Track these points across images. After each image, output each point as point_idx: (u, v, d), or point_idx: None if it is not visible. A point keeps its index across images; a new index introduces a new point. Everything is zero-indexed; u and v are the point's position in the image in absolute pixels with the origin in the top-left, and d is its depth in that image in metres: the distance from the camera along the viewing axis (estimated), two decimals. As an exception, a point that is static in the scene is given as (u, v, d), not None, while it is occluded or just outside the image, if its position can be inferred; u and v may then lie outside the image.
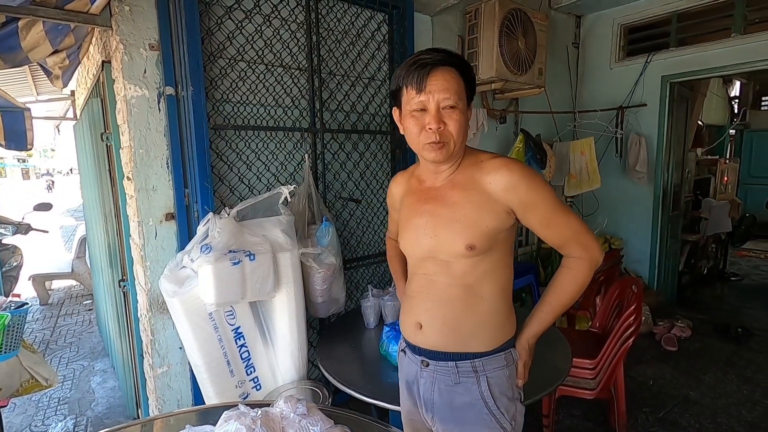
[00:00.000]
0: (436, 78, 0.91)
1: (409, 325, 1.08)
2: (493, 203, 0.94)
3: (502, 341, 1.01)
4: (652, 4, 3.29)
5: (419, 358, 1.05)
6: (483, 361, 0.99)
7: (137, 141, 1.66)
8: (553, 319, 1.03)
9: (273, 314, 1.69)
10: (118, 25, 1.59)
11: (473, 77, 0.98)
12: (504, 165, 0.95)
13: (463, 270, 0.97)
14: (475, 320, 0.99)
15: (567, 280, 0.99)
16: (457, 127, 0.93)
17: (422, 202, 1.04)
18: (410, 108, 0.95)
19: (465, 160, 1.01)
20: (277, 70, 1.96)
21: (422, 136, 0.94)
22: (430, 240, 1.00)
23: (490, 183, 0.94)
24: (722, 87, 6.59)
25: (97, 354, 3.26)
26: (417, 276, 1.06)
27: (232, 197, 1.89)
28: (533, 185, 0.93)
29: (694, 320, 3.27)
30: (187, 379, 1.84)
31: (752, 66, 2.96)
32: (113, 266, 2.15)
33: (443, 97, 0.91)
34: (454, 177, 1.01)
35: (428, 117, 0.92)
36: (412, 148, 1.00)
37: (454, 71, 0.93)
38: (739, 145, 7.01)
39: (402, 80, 0.95)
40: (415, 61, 0.93)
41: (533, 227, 0.98)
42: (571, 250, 0.98)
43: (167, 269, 1.60)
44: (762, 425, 2.12)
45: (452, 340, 1.00)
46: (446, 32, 2.65)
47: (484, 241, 0.95)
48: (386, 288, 1.97)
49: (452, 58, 0.93)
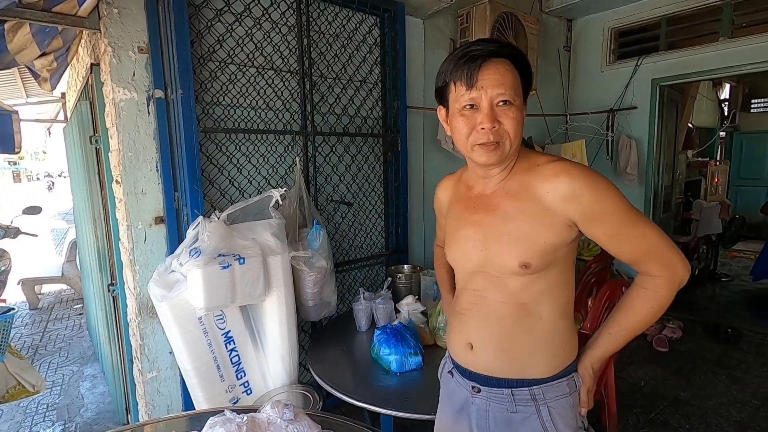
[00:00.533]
0: (488, 71, 0.80)
1: (458, 345, 0.98)
2: (550, 215, 0.83)
3: (564, 365, 0.90)
4: (641, 8, 3.33)
5: (470, 383, 0.95)
6: (543, 388, 0.88)
7: (126, 144, 1.65)
8: (622, 343, 0.90)
9: (263, 318, 1.68)
10: (107, 28, 1.58)
11: (530, 69, 0.87)
12: (564, 170, 0.82)
13: (516, 288, 0.88)
14: (532, 342, 0.88)
15: (641, 301, 0.85)
16: (514, 126, 0.82)
17: (471, 211, 0.94)
18: (459, 106, 0.84)
19: (518, 164, 0.90)
20: (268, 73, 1.96)
21: (473, 136, 0.84)
22: (480, 254, 0.90)
23: (548, 192, 0.83)
24: (712, 90, 6.67)
25: (87, 359, 3.22)
26: (466, 291, 0.97)
27: (223, 200, 1.88)
28: (600, 193, 0.80)
29: (684, 321, 3.29)
30: (177, 384, 1.82)
31: (740, 69, 3.00)
32: (102, 270, 2.14)
33: (497, 93, 0.81)
34: (505, 183, 0.90)
35: (480, 115, 0.82)
36: (459, 150, 0.90)
37: (509, 63, 0.82)
38: (729, 147, 7.10)
39: (449, 76, 0.85)
40: (463, 54, 0.82)
41: (600, 241, 0.85)
42: (648, 267, 0.84)
43: (156, 273, 1.59)
44: (751, 425, 2.14)
45: (507, 363, 0.90)
46: (438, 35, 2.66)
47: (541, 258, 0.84)
48: (378, 291, 1.97)
49: (506, 48, 0.83)
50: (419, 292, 2.12)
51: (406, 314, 1.79)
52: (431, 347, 1.67)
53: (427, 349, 1.64)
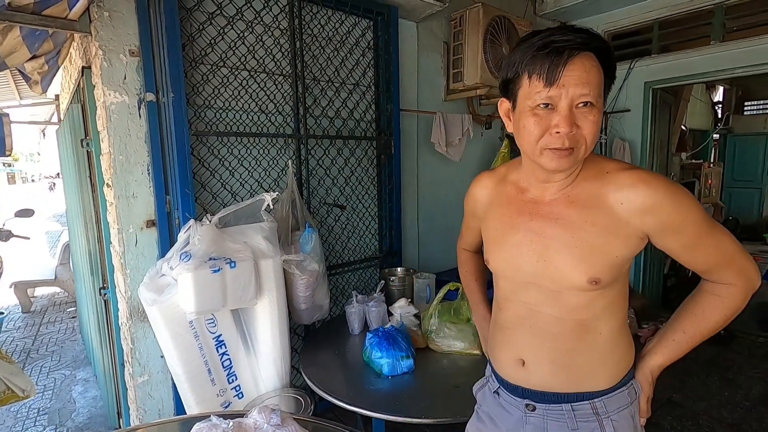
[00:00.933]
0: (574, 68, 0.70)
1: (506, 361, 0.91)
2: (624, 227, 0.76)
3: (623, 374, 0.85)
4: (634, 11, 3.35)
5: (523, 401, 0.88)
6: (605, 401, 0.83)
7: (117, 147, 1.64)
8: (686, 351, 0.86)
9: (255, 322, 1.67)
10: (98, 31, 1.58)
11: (615, 64, 0.76)
12: (642, 180, 0.75)
13: (576, 304, 0.81)
14: (592, 357, 0.83)
15: (713, 307, 0.82)
16: (593, 131, 0.74)
17: (524, 217, 0.85)
18: (532, 103, 0.74)
19: (585, 170, 0.82)
20: (260, 76, 1.96)
21: (545, 139, 0.75)
22: (536, 264, 0.83)
23: (622, 202, 0.76)
24: (706, 92, 6.73)
25: (79, 363, 3.20)
26: (513, 303, 0.89)
27: (215, 204, 1.87)
28: (680, 205, 0.74)
29: (678, 323, 3.30)
30: (168, 388, 1.82)
31: (731, 73, 3.03)
32: (94, 273, 2.13)
33: (580, 93, 0.71)
34: (570, 190, 0.82)
35: (557, 117, 0.72)
36: (521, 150, 0.82)
37: (594, 58, 0.72)
38: (722, 149, 7.14)
39: (523, 67, 0.74)
40: (545, 44, 0.71)
41: (673, 251, 0.79)
42: (721, 275, 0.80)
43: (147, 277, 1.59)
44: (743, 426, 2.15)
45: (564, 378, 0.84)
46: (431, 39, 2.67)
47: (611, 273, 0.78)
48: (371, 294, 1.97)
49: (594, 40, 0.72)
50: (412, 295, 2.12)
51: (399, 317, 1.79)
52: (423, 350, 1.67)
53: (419, 352, 1.64)
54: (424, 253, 2.76)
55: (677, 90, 4.38)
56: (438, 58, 2.72)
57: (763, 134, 6.83)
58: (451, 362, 1.61)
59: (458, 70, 2.67)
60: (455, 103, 2.84)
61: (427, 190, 2.74)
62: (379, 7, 2.24)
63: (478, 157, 3.02)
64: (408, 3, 2.27)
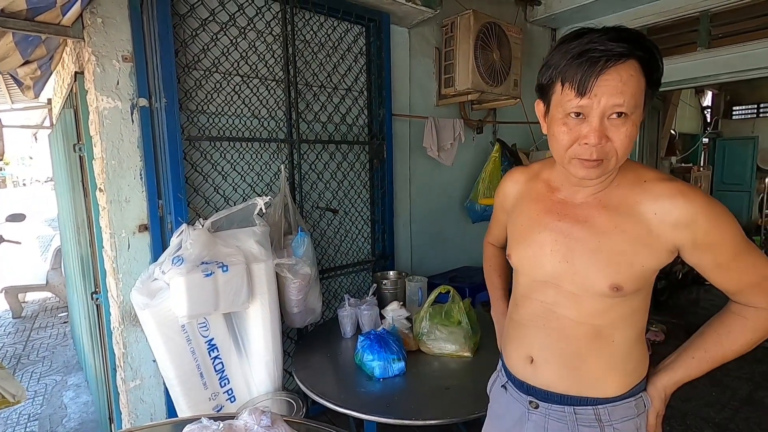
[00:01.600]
0: (609, 78, 0.67)
1: (516, 357, 0.92)
2: (654, 239, 0.75)
3: (633, 384, 0.84)
4: (622, 18, 3.40)
5: (527, 398, 0.89)
6: (609, 408, 0.81)
7: (109, 152, 1.65)
8: (705, 371, 0.83)
9: (247, 325, 1.68)
10: (90, 37, 1.59)
11: (661, 70, 0.72)
12: (680, 192, 0.73)
13: (594, 309, 0.80)
14: (603, 364, 0.82)
15: (739, 330, 0.79)
16: (626, 143, 0.71)
17: (552, 216, 0.84)
18: (563, 111, 0.73)
19: (621, 176, 0.80)
20: (253, 81, 1.98)
21: (573, 149, 0.73)
22: (558, 265, 0.82)
23: (656, 213, 0.74)
24: (695, 97, 6.83)
25: (71, 368, 3.18)
26: (531, 301, 0.88)
27: (208, 208, 1.88)
28: (717, 222, 0.72)
29: (668, 324, 3.35)
30: (160, 392, 1.82)
31: (717, 78, 3.09)
32: (86, 278, 2.12)
33: (613, 104, 0.68)
34: (603, 195, 0.80)
35: (587, 128, 0.71)
36: (553, 155, 0.80)
37: (636, 65, 0.68)
38: (712, 153, 7.25)
39: (557, 73, 0.72)
40: (582, 51, 0.68)
41: (704, 269, 0.77)
42: (751, 298, 0.77)
43: (139, 281, 1.59)
44: (730, 426, 2.19)
45: (570, 381, 0.83)
46: (423, 44, 2.70)
47: (634, 283, 0.77)
48: (363, 297, 1.98)
49: (636, 47, 0.68)
50: (404, 298, 2.14)
51: (391, 320, 1.81)
52: (415, 353, 1.69)
53: (411, 354, 1.66)
54: (416, 257, 2.78)
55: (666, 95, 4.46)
56: (430, 64, 2.75)
57: (751, 138, 6.95)
58: (442, 364, 1.63)
59: (450, 76, 2.70)
60: (447, 108, 2.87)
61: (419, 194, 2.76)
62: (371, 14, 2.27)
63: (469, 161, 3.05)
64: (400, 9, 2.30)
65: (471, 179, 3.04)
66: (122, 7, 1.63)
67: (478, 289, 2.51)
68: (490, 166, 2.87)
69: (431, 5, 2.34)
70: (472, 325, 1.68)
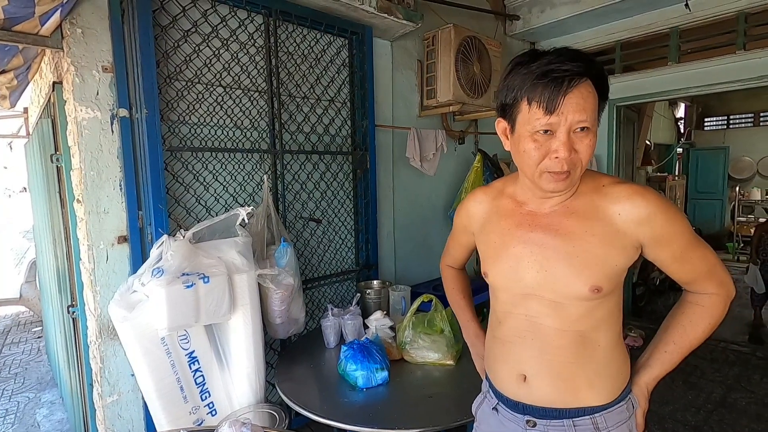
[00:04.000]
0: (573, 96, 0.73)
1: (507, 377, 0.91)
2: (621, 237, 0.80)
3: (622, 388, 0.87)
4: (597, 33, 3.53)
5: (523, 417, 0.89)
6: (605, 416, 0.84)
7: (88, 163, 1.63)
8: (677, 362, 0.89)
9: (229, 337, 1.66)
10: (70, 47, 1.58)
11: (608, 86, 0.80)
12: (637, 193, 0.80)
13: (577, 314, 0.83)
14: (592, 370, 0.85)
15: (699, 317, 0.86)
16: (589, 153, 0.77)
17: (524, 229, 0.88)
18: (531, 129, 0.77)
19: (582, 184, 0.86)
20: (236, 92, 1.98)
21: (545, 163, 0.78)
22: (537, 275, 0.85)
23: (619, 213, 0.80)
24: (669, 109, 7.08)
25: (45, 384, 3.07)
26: (514, 316, 0.90)
27: (189, 219, 1.87)
28: (671, 217, 0.79)
29: (646, 330, 3.43)
30: (139, 407, 1.78)
31: (687, 91, 3.23)
32: (62, 291, 2.07)
33: (578, 120, 0.74)
34: (570, 203, 0.85)
35: (556, 143, 0.76)
36: (520, 170, 0.85)
37: (591, 84, 0.75)
38: (686, 163, 7.51)
39: (522, 93, 0.77)
40: (545, 72, 0.73)
41: (662, 263, 0.84)
42: (704, 286, 0.85)
43: (117, 294, 1.56)
44: (704, 428, 2.24)
45: (566, 392, 0.85)
46: (406, 57, 2.75)
47: (611, 281, 0.81)
48: (347, 307, 1.98)
49: (591, 67, 0.75)
50: (388, 307, 2.15)
51: (374, 330, 1.81)
52: (398, 362, 1.70)
53: (394, 364, 1.66)
54: (400, 266, 2.79)
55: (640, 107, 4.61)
56: (412, 76, 2.80)
57: (722, 148, 7.22)
58: (425, 373, 1.64)
59: (432, 87, 2.75)
60: (429, 119, 2.92)
61: (402, 204, 2.79)
62: (354, 27, 2.31)
63: (451, 171, 3.10)
64: (382, 23, 2.34)
65: (454, 189, 3.08)
66: (103, 18, 1.63)
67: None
68: (472, 176, 2.92)
69: (413, 19, 2.39)
70: (455, 334, 1.70)
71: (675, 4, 3.00)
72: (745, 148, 7.39)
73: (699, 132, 7.85)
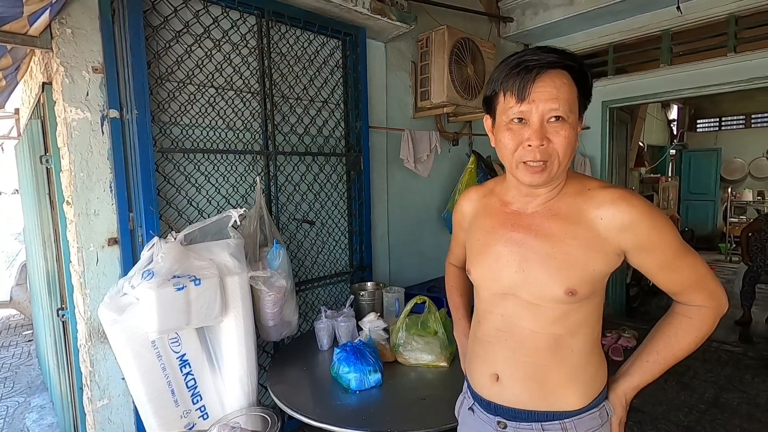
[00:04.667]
0: (543, 84, 0.75)
1: (482, 376, 0.91)
2: (602, 242, 0.79)
3: (595, 395, 0.86)
4: (590, 35, 3.55)
5: (494, 418, 0.89)
6: (575, 421, 0.83)
7: (78, 164, 1.61)
8: (659, 373, 0.87)
9: (220, 340, 1.65)
10: (59, 48, 1.56)
11: (590, 82, 0.80)
12: (622, 198, 0.78)
13: (553, 317, 0.82)
14: (564, 374, 0.84)
15: (685, 329, 0.83)
16: (564, 145, 0.77)
17: (506, 228, 0.88)
18: (507, 119, 0.79)
19: (568, 186, 0.85)
20: (228, 93, 1.97)
21: (519, 152, 0.79)
22: (515, 275, 0.84)
23: (602, 218, 0.79)
24: (661, 111, 7.13)
25: (35, 389, 3.03)
26: (492, 315, 0.90)
27: (181, 221, 1.85)
28: (656, 225, 0.77)
29: (639, 330, 3.43)
30: (129, 411, 1.76)
31: (679, 93, 3.25)
32: (52, 294, 2.05)
33: (549, 108, 0.75)
34: (553, 204, 0.85)
35: (528, 131, 0.77)
36: (503, 164, 0.86)
37: (567, 75, 0.76)
38: (678, 164, 7.56)
39: (499, 85, 0.80)
40: (518, 63, 0.77)
41: (648, 272, 0.82)
42: (693, 297, 0.82)
43: (107, 297, 1.54)
44: (697, 428, 2.25)
45: (537, 395, 0.85)
46: (400, 58, 2.75)
47: (588, 286, 0.80)
48: (340, 309, 1.97)
49: (565, 58, 0.77)
50: (382, 309, 2.14)
51: (368, 332, 1.80)
52: (391, 364, 1.69)
53: (388, 366, 1.65)
54: (394, 267, 2.79)
55: (633, 109, 4.64)
56: (406, 77, 2.80)
57: (714, 150, 7.28)
58: (418, 375, 1.63)
59: (426, 89, 2.76)
60: (423, 120, 2.92)
61: (396, 205, 2.78)
62: (347, 28, 2.30)
63: (446, 172, 3.10)
64: (376, 24, 2.34)
65: (448, 190, 3.08)
66: (93, 18, 1.61)
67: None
68: (466, 177, 2.93)
69: (406, 21, 2.39)
70: (448, 335, 1.69)
71: (667, 6, 3.03)
72: (736, 150, 7.46)
73: (691, 134, 7.91)
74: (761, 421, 2.32)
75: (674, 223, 5.18)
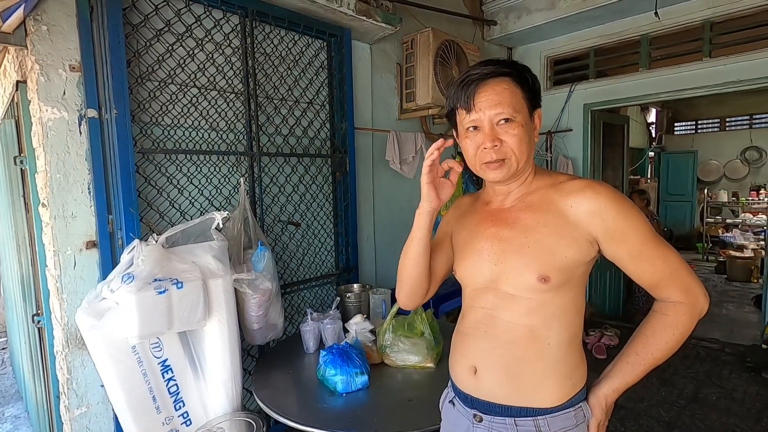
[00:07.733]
0: (484, 93, 0.84)
1: (461, 369, 0.94)
2: (572, 229, 0.83)
3: (571, 394, 0.86)
4: (572, 39, 3.62)
5: (471, 411, 0.91)
6: (548, 419, 0.84)
7: (54, 165, 1.57)
8: (641, 374, 0.86)
9: (204, 344, 1.62)
10: (34, 45, 1.52)
11: (533, 84, 0.88)
12: (588, 186, 0.83)
13: (528, 307, 0.84)
14: (539, 369, 0.85)
15: (660, 327, 0.83)
16: (516, 141, 0.84)
17: (487, 224, 0.93)
18: (464, 128, 0.88)
19: (538, 180, 0.92)
20: (211, 93, 1.94)
21: (479, 155, 0.87)
22: (493, 268, 0.88)
23: (571, 206, 0.83)
24: (641, 114, 7.30)
25: (9, 398, 2.93)
26: (474, 309, 0.93)
27: (162, 223, 1.81)
28: (623, 211, 0.80)
29: (621, 329, 3.51)
30: (109, 419, 1.71)
31: (657, 97, 3.34)
32: (27, 299, 1.98)
33: (495, 113, 0.84)
34: (527, 197, 0.91)
35: (481, 136, 0.85)
36: (472, 170, 0.92)
37: (508, 81, 0.85)
38: (657, 166, 7.75)
39: (452, 101, 0.90)
40: (462, 80, 0.87)
41: (621, 262, 0.83)
42: (668, 292, 0.82)
43: (85, 301, 1.50)
44: (678, 424, 2.31)
45: (511, 390, 0.86)
46: (385, 60, 2.75)
47: (560, 273, 0.82)
48: (326, 311, 1.96)
49: (504, 67, 0.86)
50: (368, 310, 2.13)
51: (354, 334, 1.79)
52: (378, 366, 1.68)
53: (374, 367, 1.65)
54: (381, 269, 2.78)
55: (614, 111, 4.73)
56: (391, 79, 2.81)
57: (691, 152, 7.49)
58: (405, 376, 1.63)
59: (411, 91, 2.77)
60: (409, 121, 2.93)
61: (382, 206, 2.78)
62: (332, 29, 2.30)
63: (432, 173, 3.10)
64: (361, 26, 2.34)
65: (433, 191, 3.09)
66: (70, 15, 1.57)
67: (440, 300, 2.54)
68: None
69: (391, 22, 2.39)
70: (435, 336, 1.70)
71: (645, 12, 3.11)
72: (712, 152, 7.70)
73: (669, 136, 8.13)
74: (738, 414, 2.38)
75: (655, 224, 5.27)
